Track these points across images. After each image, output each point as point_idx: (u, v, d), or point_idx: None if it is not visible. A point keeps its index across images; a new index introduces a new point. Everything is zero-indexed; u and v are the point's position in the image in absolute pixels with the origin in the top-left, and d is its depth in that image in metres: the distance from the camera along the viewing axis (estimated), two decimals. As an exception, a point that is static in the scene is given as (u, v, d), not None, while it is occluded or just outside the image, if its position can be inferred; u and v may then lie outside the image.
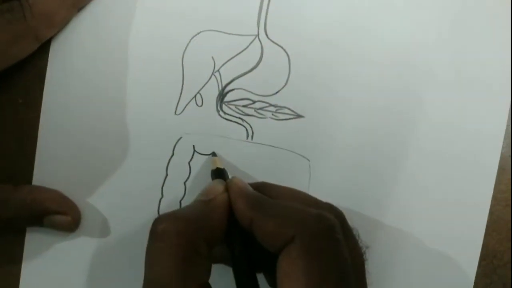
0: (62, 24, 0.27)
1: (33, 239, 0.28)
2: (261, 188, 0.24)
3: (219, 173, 0.26)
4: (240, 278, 0.21)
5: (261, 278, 0.23)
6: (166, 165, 0.28)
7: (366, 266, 0.22)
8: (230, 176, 0.26)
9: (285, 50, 0.28)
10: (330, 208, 0.23)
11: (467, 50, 0.29)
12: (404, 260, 0.29)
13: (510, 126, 0.29)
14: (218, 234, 0.22)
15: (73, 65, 0.28)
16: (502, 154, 0.28)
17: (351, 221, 0.23)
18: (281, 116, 0.28)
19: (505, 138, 0.28)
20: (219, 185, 0.24)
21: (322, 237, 0.20)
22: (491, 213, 0.28)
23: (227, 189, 0.23)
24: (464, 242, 0.29)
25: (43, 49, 0.28)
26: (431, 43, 0.28)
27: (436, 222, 0.29)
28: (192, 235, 0.20)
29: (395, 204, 0.29)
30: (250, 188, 0.23)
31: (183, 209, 0.22)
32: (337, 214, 0.23)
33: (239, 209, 0.22)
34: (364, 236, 0.28)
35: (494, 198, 0.28)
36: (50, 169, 0.28)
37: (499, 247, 0.29)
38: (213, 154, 0.28)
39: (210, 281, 0.21)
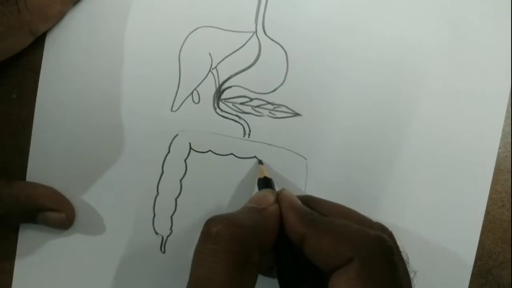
0: (56, 18, 0.26)
1: (26, 236, 0.28)
2: (309, 202, 0.24)
3: (266, 183, 0.26)
4: None
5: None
6: (162, 162, 0.28)
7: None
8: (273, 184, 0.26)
9: (283, 48, 0.28)
10: (382, 228, 0.23)
11: (463, 49, 0.28)
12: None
13: (510, 125, 0.29)
14: (269, 244, 0.22)
15: (69, 60, 0.28)
16: (498, 154, 0.28)
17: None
18: (279, 114, 0.28)
19: (501, 138, 0.28)
20: (270, 195, 0.23)
21: (381, 259, 0.19)
22: (487, 213, 0.28)
23: (277, 200, 0.23)
24: (460, 242, 0.29)
25: (38, 43, 0.27)
26: (428, 42, 0.28)
27: (432, 221, 0.29)
28: (246, 242, 0.20)
29: (391, 203, 0.29)
30: (300, 202, 0.23)
31: (237, 214, 0.22)
32: (390, 235, 0.22)
33: (291, 223, 0.22)
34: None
35: (490, 198, 0.28)
36: (44, 165, 0.28)
37: (494, 248, 0.29)
38: (259, 161, 0.28)
39: None
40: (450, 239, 0.29)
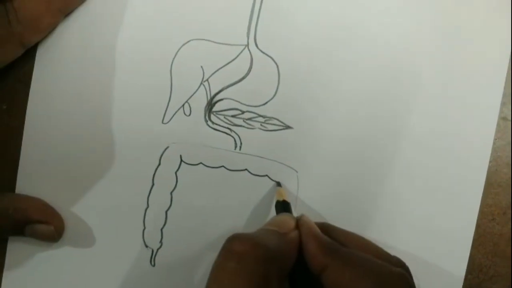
0: (47, 29, 0.26)
1: (14, 248, 0.28)
2: (326, 230, 0.23)
3: (285, 207, 0.25)
4: None
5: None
6: (152, 175, 0.28)
7: None
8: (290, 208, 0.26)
9: (274, 61, 0.28)
10: (400, 262, 0.23)
11: (454, 62, 0.29)
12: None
13: (501, 139, 0.29)
14: (287, 270, 0.21)
15: (59, 71, 0.28)
16: (489, 168, 0.28)
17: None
18: (270, 127, 0.28)
19: (492, 152, 0.28)
20: (291, 220, 0.23)
21: None
22: (477, 227, 0.28)
23: (297, 226, 0.23)
24: (451, 255, 0.29)
25: (29, 54, 0.27)
26: (421, 54, 0.28)
27: (422, 235, 0.29)
28: (269, 265, 0.20)
29: (381, 216, 0.29)
30: (319, 230, 0.23)
31: (260, 235, 0.21)
32: (407, 270, 0.22)
33: (312, 251, 0.21)
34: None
35: (481, 212, 0.28)
36: (34, 177, 0.28)
37: (485, 261, 0.29)
38: (278, 184, 0.28)
39: None
40: (440, 252, 0.29)
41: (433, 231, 0.29)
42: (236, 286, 0.19)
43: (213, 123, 0.28)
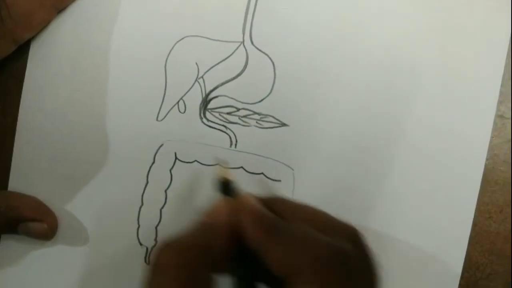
0: (40, 26, 0.26)
1: (7, 246, 0.28)
2: (275, 204, 0.22)
3: (225, 187, 0.23)
4: None
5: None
6: (146, 172, 0.28)
7: None
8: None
9: (270, 58, 0.28)
10: (346, 228, 0.22)
11: (452, 61, 0.28)
12: (387, 271, 0.29)
13: (498, 137, 0.29)
14: (222, 258, 0.21)
15: (53, 68, 0.27)
16: (486, 166, 0.28)
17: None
18: (266, 125, 0.28)
19: (489, 150, 0.28)
20: (224, 205, 0.22)
21: (333, 269, 0.19)
22: (474, 225, 0.28)
23: (235, 208, 0.21)
24: (447, 253, 0.29)
25: (22, 50, 0.27)
26: (418, 52, 0.28)
27: (419, 233, 0.29)
28: (192, 267, 0.19)
29: (378, 214, 0.29)
30: (262, 208, 0.22)
31: (185, 235, 0.21)
32: (354, 235, 0.22)
33: (249, 232, 0.20)
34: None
35: (478, 210, 0.28)
36: (27, 175, 0.27)
37: (481, 259, 0.29)
38: (219, 161, 0.26)
39: None
40: (437, 250, 0.29)
41: (430, 229, 0.28)
42: None
43: (208, 120, 0.28)
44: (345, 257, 0.20)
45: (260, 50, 0.28)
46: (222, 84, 0.28)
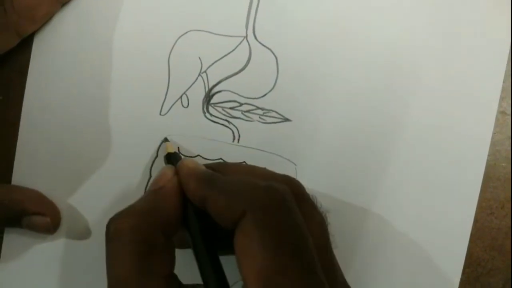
0: (44, 19, 0.26)
1: (10, 240, 0.28)
2: (218, 167, 0.23)
3: (170, 158, 0.25)
4: (201, 261, 0.21)
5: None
6: (150, 167, 0.28)
7: (329, 229, 0.22)
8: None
9: (273, 53, 0.28)
10: (286, 178, 0.23)
11: (454, 56, 0.28)
12: (389, 267, 0.29)
13: (500, 133, 0.29)
14: (174, 221, 0.21)
15: (56, 61, 0.27)
16: (487, 162, 0.28)
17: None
18: (268, 120, 0.28)
19: (491, 146, 0.28)
20: (168, 171, 0.23)
21: (273, 208, 0.19)
22: (475, 221, 0.28)
23: (177, 173, 0.23)
24: (449, 249, 0.29)
25: (26, 44, 0.27)
26: (419, 46, 0.28)
27: (420, 229, 0.29)
28: (146, 229, 0.20)
29: (380, 209, 0.29)
30: (202, 167, 0.23)
31: (135, 204, 0.22)
32: (292, 183, 0.22)
33: (191, 189, 0.21)
34: (348, 240, 0.28)
35: (479, 206, 0.28)
36: (30, 168, 0.28)
37: (483, 255, 0.29)
38: (165, 139, 0.27)
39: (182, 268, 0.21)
40: (438, 246, 0.29)
41: (431, 225, 0.29)
42: (122, 263, 0.19)
43: (211, 115, 0.28)
44: (282, 198, 0.20)
45: (263, 45, 0.28)
46: (225, 78, 0.28)
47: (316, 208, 0.22)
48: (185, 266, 0.21)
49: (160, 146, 0.28)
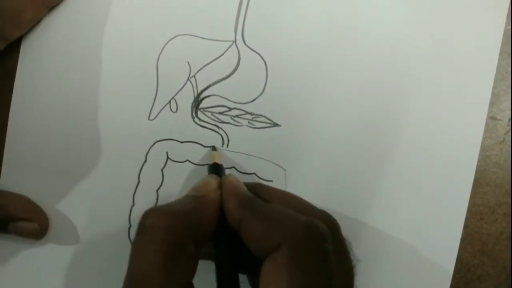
0: (30, 24, 0.26)
1: (-3, 245, 0.28)
2: (256, 189, 0.23)
3: (215, 169, 0.25)
4: (222, 278, 0.21)
5: (244, 281, 0.22)
6: (138, 172, 0.28)
7: (355, 281, 0.21)
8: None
9: (262, 57, 0.28)
10: (324, 215, 0.23)
11: (445, 60, 0.28)
12: (379, 273, 0.29)
13: (489, 138, 0.29)
14: (207, 232, 0.21)
15: (44, 66, 0.27)
16: (477, 167, 0.28)
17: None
18: (258, 125, 0.28)
19: (480, 152, 0.28)
20: (212, 181, 0.23)
21: (309, 246, 0.19)
22: (465, 226, 0.28)
23: (221, 186, 0.23)
24: (439, 255, 0.29)
25: (13, 48, 0.27)
26: (410, 54, 0.28)
27: (410, 234, 0.29)
28: (179, 233, 0.20)
29: (369, 215, 0.29)
30: (244, 188, 0.23)
31: (174, 204, 0.21)
32: (330, 223, 0.22)
33: (229, 208, 0.21)
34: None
35: (469, 211, 0.28)
36: (17, 173, 0.27)
37: (473, 261, 0.29)
38: (213, 148, 0.27)
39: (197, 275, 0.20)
40: (428, 252, 0.29)
41: (422, 230, 0.29)
42: (148, 258, 0.19)
43: (200, 120, 0.28)
44: (320, 237, 0.20)
45: (252, 50, 0.28)
46: (214, 83, 0.28)
47: (348, 253, 0.22)
48: (198, 276, 0.21)
49: (149, 151, 0.28)
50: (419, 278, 0.29)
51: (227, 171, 0.28)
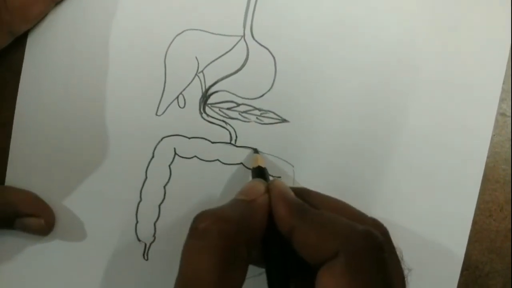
0: (37, 18, 0.26)
1: (3, 242, 0.27)
2: (303, 194, 0.23)
3: (260, 172, 0.25)
4: (273, 282, 0.21)
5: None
6: (145, 168, 0.27)
7: None
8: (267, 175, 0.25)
9: (271, 53, 0.27)
10: (376, 224, 0.22)
11: (452, 57, 0.28)
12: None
13: (499, 135, 0.28)
14: (258, 237, 0.21)
15: (51, 61, 0.27)
16: (486, 164, 0.28)
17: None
18: (266, 120, 0.28)
19: (490, 148, 0.28)
20: (260, 185, 0.23)
21: (369, 255, 0.19)
22: (474, 223, 0.28)
23: (268, 190, 0.22)
24: (447, 251, 0.28)
25: (19, 43, 0.27)
26: (419, 47, 0.28)
27: (418, 231, 0.29)
28: (234, 237, 0.19)
29: (378, 211, 0.28)
30: (292, 193, 0.22)
31: (224, 208, 0.21)
32: (383, 232, 0.22)
33: (280, 214, 0.21)
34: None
35: (478, 208, 0.28)
36: (24, 169, 0.27)
37: (481, 258, 0.29)
38: (255, 151, 0.27)
39: None
40: (437, 248, 0.28)
41: (430, 227, 0.28)
42: (202, 263, 0.19)
43: (208, 115, 0.28)
44: (379, 246, 0.19)
45: (261, 45, 0.27)
46: (222, 79, 0.27)
47: (400, 261, 0.22)
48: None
49: (156, 146, 0.27)
50: (427, 275, 0.29)
51: (235, 168, 0.28)
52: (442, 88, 0.28)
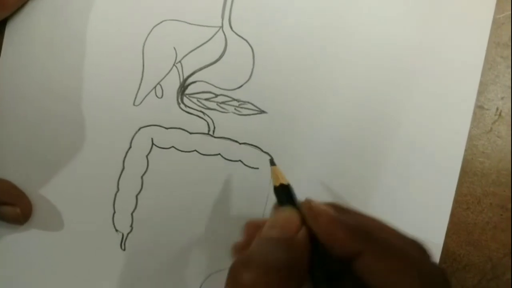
0: (14, 6, 0.26)
1: (-20, 230, 0.27)
2: (341, 213, 0.21)
3: (286, 193, 0.22)
4: None
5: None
6: (123, 158, 0.27)
7: None
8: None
9: (249, 44, 0.27)
10: (417, 243, 0.22)
11: (432, 53, 0.28)
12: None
13: (476, 128, 0.28)
14: (305, 275, 0.20)
15: (29, 51, 0.27)
16: (464, 156, 0.28)
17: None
18: (244, 111, 0.28)
19: (467, 141, 0.28)
20: (294, 216, 0.21)
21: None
22: (452, 215, 0.28)
23: (302, 218, 0.21)
24: (425, 244, 0.28)
25: (-2, 32, 0.27)
26: (398, 42, 0.28)
27: (396, 223, 0.28)
28: (284, 283, 0.18)
29: (355, 203, 0.28)
30: (339, 216, 0.21)
31: (264, 251, 0.19)
32: (428, 254, 0.22)
33: (341, 240, 0.20)
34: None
35: (455, 200, 0.28)
36: (2, 158, 0.27)
37: (459, 250, 0.29)
38: (271, 161, 0.24)
39: None
40: (414, 241, 0.28)
41: (408, 219, 0.28)
42: None
43: (185, 106, 0.28)
44: (446, 284, 0.19)
45: (239, 36, 0.27)
46: (200, 69, 0.27)
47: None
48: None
49: (133, 137, 0.27)
50: (405, 268, 0.29)
51: (213, 158, 0.28)
52: (419, 81, 0.28)
